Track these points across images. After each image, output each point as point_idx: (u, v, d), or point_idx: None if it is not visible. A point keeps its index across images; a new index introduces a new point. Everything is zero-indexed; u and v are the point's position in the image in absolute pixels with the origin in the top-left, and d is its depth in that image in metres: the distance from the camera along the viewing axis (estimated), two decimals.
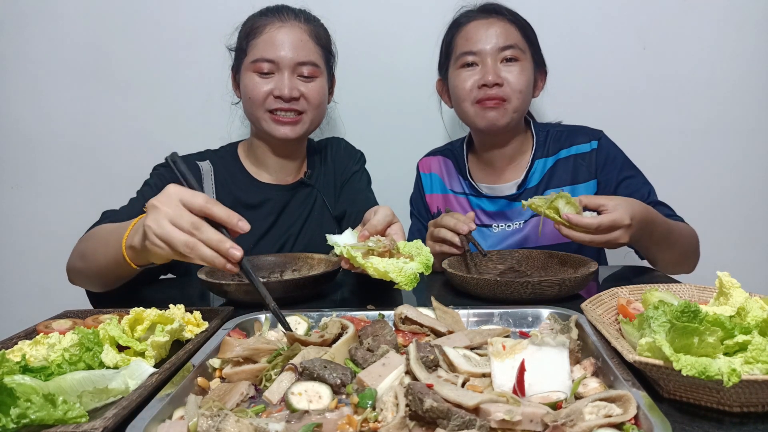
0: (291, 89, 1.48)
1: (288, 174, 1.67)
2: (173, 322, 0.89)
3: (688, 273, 1.48)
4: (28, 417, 0.61)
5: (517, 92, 1.49)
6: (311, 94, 1.52)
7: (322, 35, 1.58)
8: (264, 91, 1.49)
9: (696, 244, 1.46)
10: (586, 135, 1.59)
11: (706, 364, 0.61)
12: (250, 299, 1.14)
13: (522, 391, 0.68)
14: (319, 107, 1.56)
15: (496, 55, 1.50)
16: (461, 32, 1.56)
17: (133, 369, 0.76)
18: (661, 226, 1.32)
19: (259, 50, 1.49)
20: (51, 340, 0.84)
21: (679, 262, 1.45)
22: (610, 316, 0.92)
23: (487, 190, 1.64)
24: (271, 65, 1.49)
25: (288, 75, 1.49)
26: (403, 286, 0.95)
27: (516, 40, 1.52)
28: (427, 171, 1.77)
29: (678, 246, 1.40)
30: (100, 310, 1.08)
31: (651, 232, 1.30)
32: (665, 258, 1.42)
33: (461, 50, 1.54)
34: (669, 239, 1.36)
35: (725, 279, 0.85)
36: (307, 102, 1.52)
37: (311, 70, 1.51)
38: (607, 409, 0.61)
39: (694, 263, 1.49)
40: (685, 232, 1.43)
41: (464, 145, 1.72)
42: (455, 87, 1.55)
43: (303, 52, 1.50)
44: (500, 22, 1.53)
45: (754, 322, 0.73)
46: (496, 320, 0.98)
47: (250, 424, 0.60)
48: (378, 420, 0.64)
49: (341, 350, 0.82)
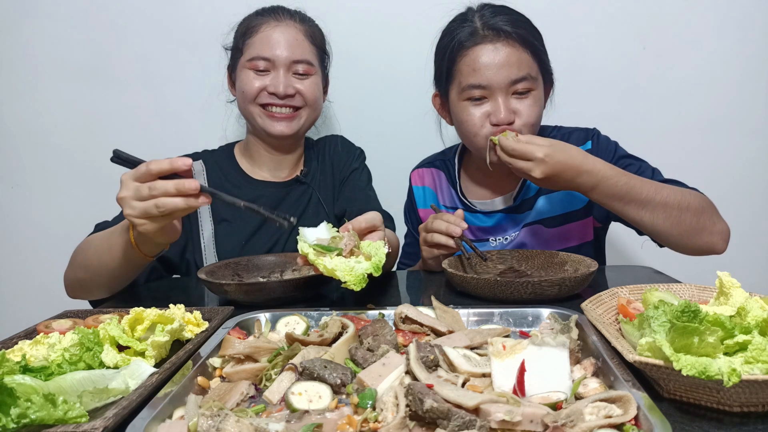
0: (286, 86, 1.50)
1: (283, 171, 1.67)
2: (173, 321, 0.89)
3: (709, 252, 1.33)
4: (28, 417, 0.61)
5: (529, 126, 1.41)
6: (307, 90, 1.54)
7: (317, 35, 1.61)
8: (258, 86, 1.51)
9: (696, 206, 1.29)
10: (580, 137, 1.56)
11: (706, 364, 0.61)
12: (250, 299, 1.14)
13: (522, 392, 0.68)
14: (314, 104, 1.58)
15: (507, 90, 1.38)
16: (466, 58, 1.41)
17: (133, 369, 0.76)
18: (613, 179, 1.24)
19: (255, 48, 1.52)
20: (51, 340, 0.84)
21: (672, 228, 1.28)
22: (610, 316, 0.92)
23: (482, 206, 1.60)
24: (267, 63, 1.51)
25: (283, 72, 1.51)
26: (351, 285, 0.95)
27: (528, 69, 1.39)
28: (419, 184, 1.72)
29: (656, 207, 1.26)
30: (100, 310, 1.08)
31: (596, 186, 1.24)
32: (646, 220, 1.28)
33: (467, 82, 1.40)
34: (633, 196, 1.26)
35: (725, 279, 0.85)
36: (303, 98, 1.54)
37: (306, 68, 1.54)
38: (607, 409, 0.61)
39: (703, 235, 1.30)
40: (668, 191, 1.28)
41: (456, 159, 1.67)
42: (462, 122, 1.45)
43: (298, 50, 1.53)
44: (510, 47, 1.38)
45: (754, 322, 0.73)
46: (496, 320, 0.98)
47: (250, 424, 0.60)
48: (378, 420, 0.64)
49: (341, 350, 0.82)
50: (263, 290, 1.13)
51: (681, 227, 1.29)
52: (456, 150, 1.69)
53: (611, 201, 1.28)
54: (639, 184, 1.27)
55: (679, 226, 1.29)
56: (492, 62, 1.38)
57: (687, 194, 1.31)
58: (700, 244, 1.32)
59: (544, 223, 1.53)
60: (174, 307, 0.98)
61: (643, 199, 1.27)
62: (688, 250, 1.34)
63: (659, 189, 1.28)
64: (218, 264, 1.32)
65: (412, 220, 1.73)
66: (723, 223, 1.35)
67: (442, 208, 1.64)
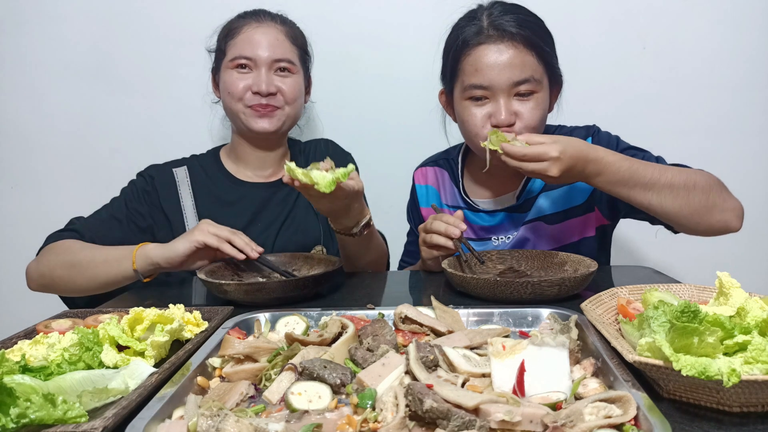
0: (268, 84, 1.54)
1: (267, 170, 1.68)
2: (173, 321, 0.89)
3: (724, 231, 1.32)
4: (27, 417, 0.61)
5: (530, 128, 1.39)
6: (287, 89, 1.58)
7: (298, 36, 1.65)
8: (242, 86, 1.55)
9: (704, 184, 1.28)
10: (581, 134, 1.55)
11: (706, 364, 0.61)
12: (249, 299, 1.14)
13: (522, 392, 0.68)
14: (295, 102, 1.61)
15: (509, 91, 1.37)
16: (469, 57, 1.40)
17: (133, 369, 0.76)
18: (617, 164, 1.25)
19: (237, 49, 1.56)
20: (51, 340, 0.84)
21: (682, 208, 1.27)
22: (610, 316, 0.92)
23: (485, 205, 1.59)
24: (249, 62, 1.55)
25: (265, 71, 1.55)
26: (322, 188, 1.13)
27: (532, 71, 1.37)
28: (423, 182, 1.71)
29: (662, 188, 1.26)
30: (100, 310, 1.08)
31: (600, 173, 1.25)
32: (654, 202, 1.28)
33: (469, 81, 1.39)
34: (637, 180, 1.25)
35: (725, 279, 0.85)
36: (283, 97, 1.58)
37: (287, 67, 1.58)
38: (607, 409, 0.61)
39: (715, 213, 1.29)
40: (673, 171, 1.28)
41: (460, 158, 1.66)
42: (464, 121, 1.45)
43: (279, 50, 1.56)
44: (514, 49, 1.36)
45: (754, 322, 0.73)
46: (496, 320, 0.98)
47: (250, 424, 0.60)
48: (378, 420, 0.64)
49: (341, 350, 0.82)
50: (263, 290, 1.13)
51: (691, 207, 1.27)
52: (460, 149, 1.69)
53: (616, 187, 1.27)
54: (642, 167, 1.27)
55: (689, 205, 1.27)
56: (495, 63, 1.37)
57: (692, 173, 1.30)
58: (713, 222, 1.30)
59: (545, 220, 1.53)
60: (174, 307, 0.98)
61: (647, 182, 1.26)
62: (702, 230, 1.32)
63: (663, 171, 1.28)
64: (217, 264, 1.32)
65: (415, 219, 1.73)
66: (734, 200, 1.33)
67: (444, 207, 1.63)
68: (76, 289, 1.39)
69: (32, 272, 1.43)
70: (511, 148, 1.25)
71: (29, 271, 1.44)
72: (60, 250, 1.40)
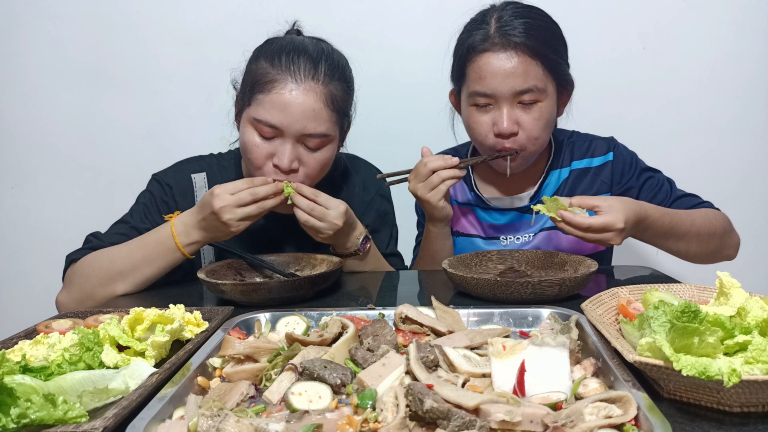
0: (291, 161, 1.34)
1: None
2: (173, 321, 0.89)
3: (723, 261, 1.47)
4: (28, 417, 0.61)
5: (533, 139, 1.39)
6: (313, 164, 1.38)
7: (339, 97, 1.38)
8: (263, 155, 1.35)
9: (721, 230, 1.40)
10: (601, 146, 1.55)
11: (706, 364, 0.61)
12: (249, 299, 1.14)
13: (522, 392, 0.68)
14: (317, 177, 1.43)
15: (511, 100, 1.36)
16: (474, 63, 1.39)
17: (133, 369, 0.76)
18: (661, 220, 1.30)
19: (264, 110, 1.32)
20: (51, 340, 0.84)
21: (701, 252, 1.40)
22: (610, 316, 0.92)
23: (496, 202, 1.58)
24: (275, 131, 1.33)
25: (291, 145, 1.34)
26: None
27: (536, 80, 1.35)
28: None
29: (691, 237, 1.35)
30: (100, 310, 1.08)
31: (647, 229, 1.29)
32: (681, 249, 1.38)
33: (473, 88, 1.39)
34: (674, 232, 1.33)
35: (725, 279, 0.85)
36: (305, 174, 1.38)
37: (317, 143, 1.36)
38: (607, 410, 0.61)
39: (723, 251, 1.45)
40: (700, 220, 1.37)
41: (469, 156, 1.64)
42: (468, 126, 1.46)
43: (312, 123, 1.32)
44: (518, 57, 1.34)
45: (754, 322, 0.73)
46: (496, 320, 0.98)
47: (250, 424, 0.60)
48: (378, 420, 0.64)
49: (341, 350, 0.82)
50: (263, 290, 1.13)
51: (708, 250, 1.41)
52: (468, 148, 1.68)
53: (655, 238, 1.36)
54: (678, 220, 1.34)
55: (707, 249, 1.41)
56: (498, 71, 1.35)
57: (712, 219, 1.40)
58: (719, 258, 1.46)
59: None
60: (174, 307, 0.97)
61: (681, 234, 1.35)
62: (706, 263, 1.44)
63: (693, 221, 1.36)
64: (219, 264, 1.32)
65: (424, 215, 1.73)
66: (736, 236, 1.47)
67: (454, 203, 1.61)
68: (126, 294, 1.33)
69: (68, 303, 1.33)
70: (575, 219, 1.22)
71: (62, 303, 1.34)
72: (90, 270, 1.31)
